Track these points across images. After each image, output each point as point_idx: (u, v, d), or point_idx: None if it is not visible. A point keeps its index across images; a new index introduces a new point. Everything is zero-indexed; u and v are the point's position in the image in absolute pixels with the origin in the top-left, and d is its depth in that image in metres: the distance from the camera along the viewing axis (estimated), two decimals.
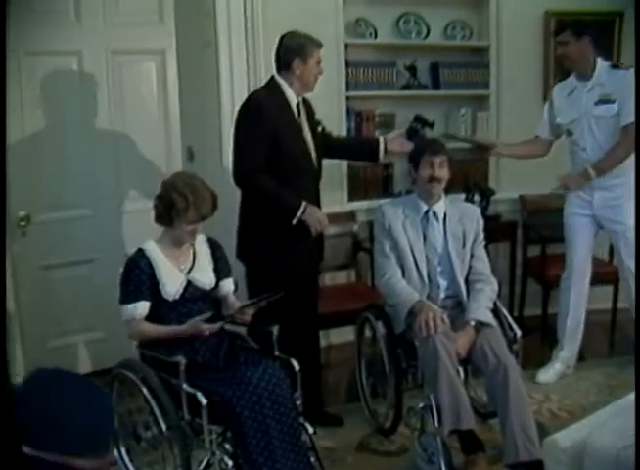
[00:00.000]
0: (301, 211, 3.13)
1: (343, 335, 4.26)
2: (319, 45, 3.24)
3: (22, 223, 3.72)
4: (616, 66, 3.71)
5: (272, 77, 3.27)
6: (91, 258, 3.98)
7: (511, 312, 4.49)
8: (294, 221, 3.14)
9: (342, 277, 4.47)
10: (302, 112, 3.28)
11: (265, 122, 3.10)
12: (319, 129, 3.47)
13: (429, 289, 3.19)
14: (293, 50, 3.18)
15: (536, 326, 4.49)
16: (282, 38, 3.25)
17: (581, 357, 4.12)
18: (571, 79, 3.77)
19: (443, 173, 3.18)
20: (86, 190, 3.94)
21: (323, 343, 4.29)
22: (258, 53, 3.97)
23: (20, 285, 3.74)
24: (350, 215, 4.39)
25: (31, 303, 3.83)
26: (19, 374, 3.49)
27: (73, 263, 3.96)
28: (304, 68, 3.19)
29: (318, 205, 3.30)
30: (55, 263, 3.91)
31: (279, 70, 3.24)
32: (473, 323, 3.05)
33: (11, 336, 3.40)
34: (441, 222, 3.24)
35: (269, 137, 3.10)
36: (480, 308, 3.11)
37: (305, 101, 3.35)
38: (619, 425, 1.98)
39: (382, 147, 3.61)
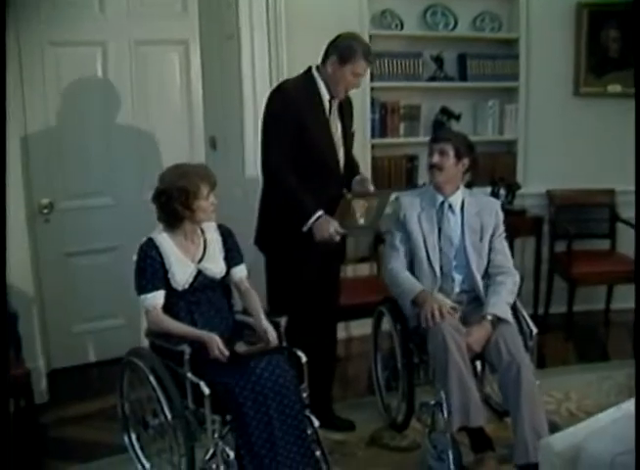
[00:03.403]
0: (314, 219, 3.01)
1: (364, 327, 4.24)
2: (368, 59, 3.08)
3: (46, 210, 3.79)
4: None
5: (309, 68, 3.16)
6: (113, 246, 4.03)
7: (536, 309, 4.47)
8: (304, 228, 3.03)
9: (363, 269, 4.44)
10: (334, 109, 3.17)
11: (292, 112, 3.02)
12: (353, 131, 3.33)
13: (441, 282, 3.12)
14: (337, 47, 3.07)
15: (561, 324, 4.41)
16: (340, 34, 3.13)
17: (606, 357, 4.04)
18: None
19: (441, 161, 3.10)
20: (109, 179, 3.99)
21: (344, 335, 4.30)
22: (281, 44, 3.95)
23: (42, 271, 3.82)
24: None
25: (54, 288, 3.90)
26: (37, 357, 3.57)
27: (96, 251, 4.02)
28: (338, 69, 3.05)
29: (336, 204, 3.11)
30: (77, 250, 3.97)
31: (322, 62, 3.12)
32: (490, 318, 2.98)
33: (30, 320, 3.46)
34: (458, 215, 3.17)
35: (295, 128, 3.02)
36: (500, 303, 3.03)
37: (346, 100, 3.24)
38: (617, 430, 1.91)
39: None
